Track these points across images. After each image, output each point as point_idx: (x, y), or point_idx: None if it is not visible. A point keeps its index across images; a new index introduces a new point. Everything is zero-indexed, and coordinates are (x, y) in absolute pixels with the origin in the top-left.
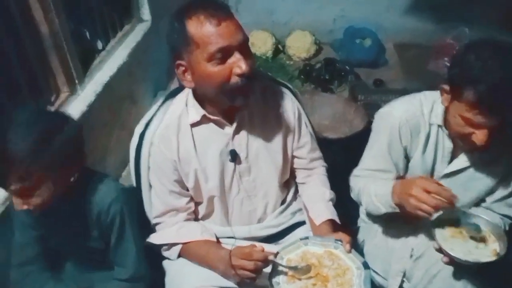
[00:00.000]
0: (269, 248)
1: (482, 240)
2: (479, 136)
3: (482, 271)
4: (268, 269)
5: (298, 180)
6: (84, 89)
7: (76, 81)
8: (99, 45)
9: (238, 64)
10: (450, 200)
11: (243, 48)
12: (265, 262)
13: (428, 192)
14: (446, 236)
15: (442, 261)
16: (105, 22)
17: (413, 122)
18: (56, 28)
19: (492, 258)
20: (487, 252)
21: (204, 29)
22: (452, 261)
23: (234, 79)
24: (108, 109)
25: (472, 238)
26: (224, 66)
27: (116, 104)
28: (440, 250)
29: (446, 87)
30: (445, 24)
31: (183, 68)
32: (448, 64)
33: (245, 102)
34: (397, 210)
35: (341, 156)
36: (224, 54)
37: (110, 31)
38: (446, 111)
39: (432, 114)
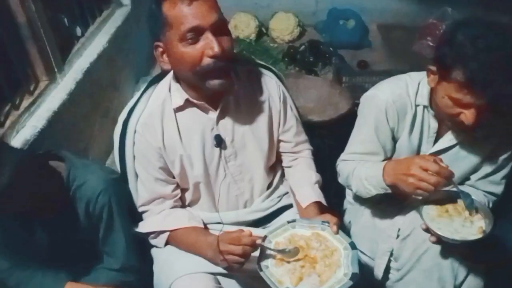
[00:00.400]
0: (257, 232)
1: (464, 216)
2: (468, 116)
3: (469, 250)
4: (256, 253)
5: (284, 164)
6: (64, 77)
7: (55, 69)
8: (78, 31)
9: (209, 45)
10: (449, 178)
11: (217, 29)
12: (253, 246)
13: (427, 171)
14: (433, 215)
15: (429, 241)
16: (83, 8)
17: (399, 103)
18: (33, 15)
19: (479, 235)
20: (473, 230)
21: (176, 9)
22: (439, 240)
23: (206, 61)
24: (90, 97)
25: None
26: (195, 47)
27: (98, 91)
28: (427, 229)
29: (433, 68)
30: (428, 5)
31: (161, 50)
32: (432, 44)
33: (220, 86)
34: (389, 191)
35: (327, 138)
36: (195, 35)
37: (89, 17)
38: (433, 92)
39: (418, 95)
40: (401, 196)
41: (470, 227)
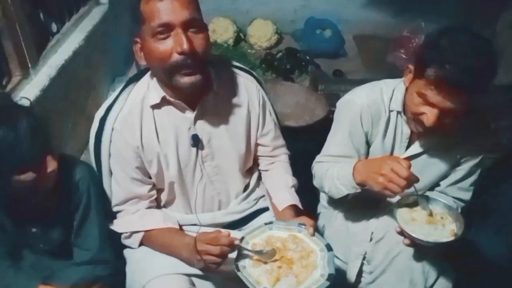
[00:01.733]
0: (234, 234)
1: (436, 220)
2: (429, 117)
3: (441, 253)
4: (233, 255)
5: (261, 167)
6: (38, 73)
7: (29, 65)
8: (54, 27)
9: (178, 42)
10: (415, 182)
11: (189, 26)
12: (231, 247)
13: (398, 175)
14: (406, 219)
15: (403, 243)
16: (60, 4)
17: (374, 108)
18: (9, 9)
19: (451, 238)
20: (446, 233)
21: (150, 4)
22: (413, 243)
23: (174, 57)
24: (64, 95)
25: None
26: (165, 43)
27: (73, 89)
28: (401, 232)
29: (411, 66)
30: (403, 17)
31: (139, 45)
32: (405, 57)
33: (189, 84)
34: (359, 190)
35: (303, 144)
36: (166, 30)
37: (65, 13)
38: (406, 92)
39: (392, 101)
40: (373, 198)
41: (442, 230)
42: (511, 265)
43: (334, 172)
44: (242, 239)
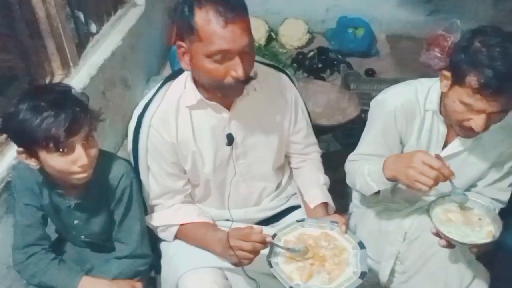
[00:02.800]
0: (266, 230)
1: (473, 221)
2: (478, 121)
3: (478, 254)
4: (265, 251)
5: (292, 165)
6: (79, 72)
7: (71, 64)
8: (93, 28)
9: (235, 68)
10: (449, 176)
11: (245, 51)
12: (264, 243)
13: (430, 166)
14: (442, 219)
15: (439, 244)
16: (99, 5)
17: (408, 108)
18: (52, 11)
19: (489, 239)
20: (483, 234)
21: (209, 26)
22: (449, 244)
23: (229, 80)
24: (102, 93)
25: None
26: (221, 66)
27: (110, 88)
28: (437, 233)
29: (447, 73)
30: (437, 16)
31: (183, 50)
32: (440, 55)
33: (233, 98)
34: (389, 185)
35: (335, 143)
36: (224, 56)
37: (104, 14)
38: (444, 97)
39: (427, 101)
40: (407, 198)
41: (480, 232)
42: None
43: (365, 168)
44: (274, 235)
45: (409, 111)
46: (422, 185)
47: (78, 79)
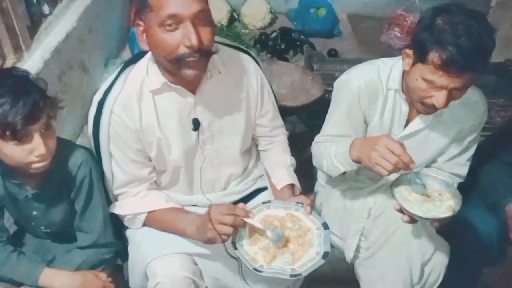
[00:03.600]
0: None
1: (434, 196)
2: (439, 98)
3: (438, 230)
4: None
5: (260, 147)
6: (32, 55)
7: (23, 47)
8: (46, 9)
9: (187, 36)
10: (408, 164)
11: (199, 19)
12: (246, 217)
13: (391, 152)
14: (404, 196)
15: (402, 220)
16: None
17: (371, 87)
18: None
19: (449, 213)
20: (444, 209)
21: None
22: (412, 219)
23: (182, 50)
24: (58, 77)
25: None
26: (173, 34)
27: (67, 72)
28: (400, 209)
29: (409, 51)
30: None
31: (141, 29)
32: (400, 35)
33: (194, 76)
34: (355, 167)
35: (300, 124)
36: (175, 22)
37: None
38: (406, 75)
39: (390, 79)
40: (371, 177)
41: (440, 206)
42: (499, 243)
43: (331, 150)
44: None
45: (372, 90)
46: (382, 168)
47: (32, 63)
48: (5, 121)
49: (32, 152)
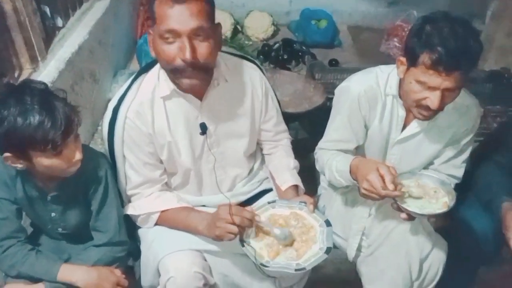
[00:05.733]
0: None
1: (429, 194)
2: (433, 99)
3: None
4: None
5: (264, 151)
6: (47, 66)
7: (39, 58)
8: (59, 22)
9: (182, 50)
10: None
11: (195, 35)
12: (253, 220)
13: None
14: (402, 196)
15: (400, 218)
16: None
17: (370, 93)
18: (19, 5)
19: (444, 209)
20: (439, 205)
21: (161, 7)
22: (410, 217)
23: (178, 62)
24: (71, 87)
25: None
26: (171, 47)
27: (79, 82)
28: (398, 208)
29: (403, 58)
30: (396, 8)
31: (152, 37)
32: (398, 45)
33: (190, 86)
34: (355, 183)
35: (302, 131)
36: (173, 36)
37: (69, 8)
38: (402, 81)
39: (387, 86)
40: None
41: (436, 203)
42: (494, 241)
43: (332, 165)
44: None
45: (371, 96)
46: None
47: (47, 73)
48: (46, 139)
49: (71, 160)
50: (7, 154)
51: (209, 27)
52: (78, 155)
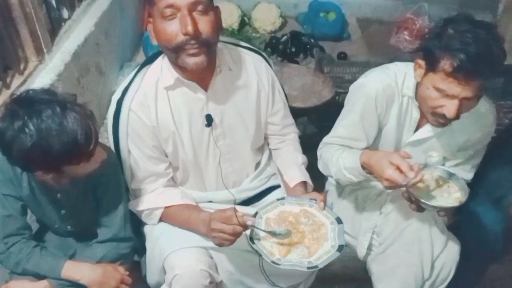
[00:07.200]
0: (248, 210)
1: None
2: (450, 108)
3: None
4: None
5: (271, 146)
6: (53, 58)
7: (45, 50)
8: (65, 14)
9: (183, 24)
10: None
11: (195, 8)
12: (244, 226)
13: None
14: (414, 186)
15: (410, 208)
16: None
17: (388, 92)
18: None
19: (456, 204)
20: (451, 200)
21: None
22: (419, 207)
23: (180, 38)
24: (77, 80)
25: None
26: (172, 23)
27: (85, 75)
28: (409, 198)
29: (421, 61)
30: (406, 0)
31: (151, 25)
32: (408, 38)
33: (194, 64)
34: (370, 177)
35: (311, 126)
36: (173, 12)
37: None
38: (418, 85)
39: (404, 86)
40: None
41: (448, 197)
42: (504, 237)
43: (339, 162)
44: (255, 214)
45: (389, 95)
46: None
47: (53, 65)
48: (81, 154)
49: (97, 161)
50: (39, 173)
51: (209, 1)
52: (104, 155)
